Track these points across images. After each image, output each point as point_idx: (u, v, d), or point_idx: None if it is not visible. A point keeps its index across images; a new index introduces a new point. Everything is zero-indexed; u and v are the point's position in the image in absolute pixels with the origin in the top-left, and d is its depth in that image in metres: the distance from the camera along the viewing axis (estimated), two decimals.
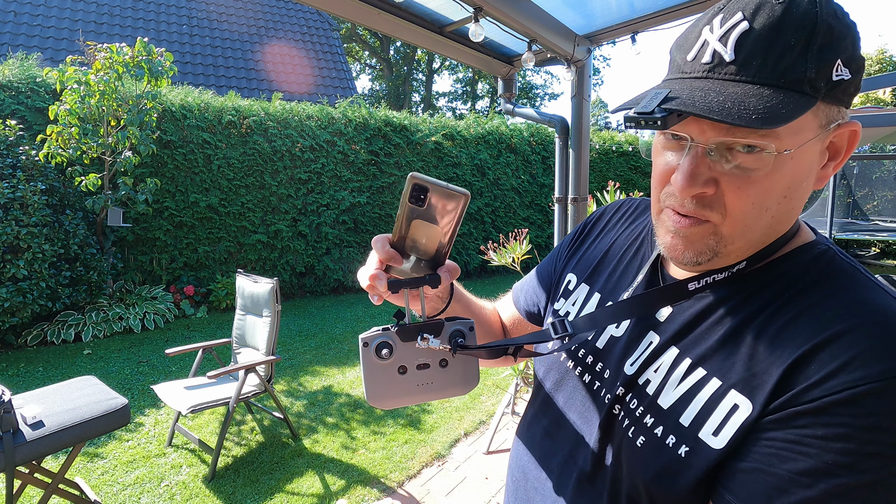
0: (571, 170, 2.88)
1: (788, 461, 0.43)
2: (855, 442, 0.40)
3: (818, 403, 0.42)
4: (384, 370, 0.56)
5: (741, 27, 0.45)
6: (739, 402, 0.47)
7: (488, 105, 23.31)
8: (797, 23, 0.43)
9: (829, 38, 0.43)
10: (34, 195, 4.24)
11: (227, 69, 10.12)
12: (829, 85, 0.44)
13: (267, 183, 6.41)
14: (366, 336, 0.56)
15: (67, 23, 8.86)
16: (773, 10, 0.44)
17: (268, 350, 2.90)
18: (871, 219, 11.16)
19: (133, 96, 4.99)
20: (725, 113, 0.42)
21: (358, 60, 23.02)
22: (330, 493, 2.49)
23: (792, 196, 0.49)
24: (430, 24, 2.36)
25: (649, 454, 0.52)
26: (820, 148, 0.48)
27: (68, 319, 4.68)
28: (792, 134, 0.45)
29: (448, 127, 8.08)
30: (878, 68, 12.66)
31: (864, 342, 0.43)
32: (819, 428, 0.42)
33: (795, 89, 0.44)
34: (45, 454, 1.88)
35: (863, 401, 0.41)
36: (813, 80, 0.43)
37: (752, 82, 0.44)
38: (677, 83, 0.48)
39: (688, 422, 0.50)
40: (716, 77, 0.46)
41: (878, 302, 0.46)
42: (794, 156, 0.46)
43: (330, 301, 6.70)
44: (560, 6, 2.28)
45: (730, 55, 0.45)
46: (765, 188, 0.47)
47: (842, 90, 0.45)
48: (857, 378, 0.41)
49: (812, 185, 0.50)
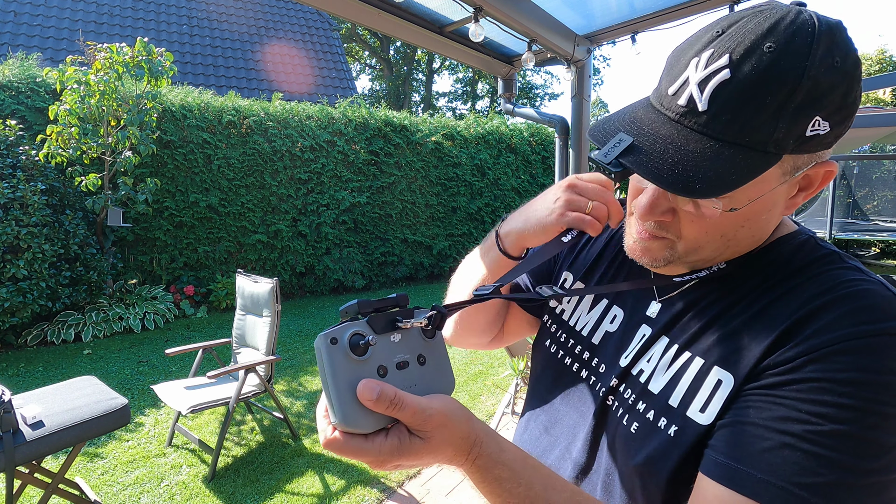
0: (571, 170, 2.88)
1: (764, 411, 0.45)
2: (830, 394, 0.42)
3: (794, 363, 0.45)
4: (360, 375, 0.43)
5: (722, 76, 0.43)
6: (722, 377, 0.49)
7: (488, 105, 23.31)
8: (780, 78, 0.41)
9: (813, 94, 0.41)
10: (34, 195, 4.24)
11: (227, 69, 10.12)
12: (799, 140, 0.43)
13: (267, 183, 6.41)
14: (330, 332, 0.43)
15: (67, 23, 8.86)
16: (760, 61, 0.42)
17: (268, 350, 2.90)
18: (871, 219, 11.15)
19: (133, 96, 4.99)
20: (671, 181, 0.44)
21: (358, 60, 23.02)
22: (330, 493, 2.49)
23: (751, 226, 0.51)
24: (430, 24, 2.36)
25: (642, 438, 0.54)
26: (785, 190, 0.49)
27: (68, 319, 4.68)
28: (747, 188, 0.45)
29: (448, 127, 8.08)
30: (878, 68, 12.66)
31: (836, 312, 0.45)
32: (794, 383, 0.44)
33: (758, 149, 0.43)
34: (45, 454, 1.88)
35: (837, 357, 0.43)
36: (780, 139, 0.43)
37: (716, 138, 0.44)
38: (647, 125, 0.48)
39: (676, 402, 0.52)
40: (685, 124, 0.46)
41: (852, 280, 0.48)
42: (753, 203, 0.48)
43: (330, 301, 6.70)
44: (560, 6, 2.27)
45: (703, 105, 0.44)
46: (718, 224, 0.50)
47: (816, 143, 0.44)
48: (828, 339, 0.44)
49: (780, 213, 0.51)
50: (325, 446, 0.44)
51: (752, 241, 0.53)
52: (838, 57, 0.41)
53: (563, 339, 0.71)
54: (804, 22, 0.42)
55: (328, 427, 0.44)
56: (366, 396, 0.41)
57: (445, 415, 0.44)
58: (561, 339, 0.71)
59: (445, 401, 0.45)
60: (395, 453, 0.42)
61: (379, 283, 7.57)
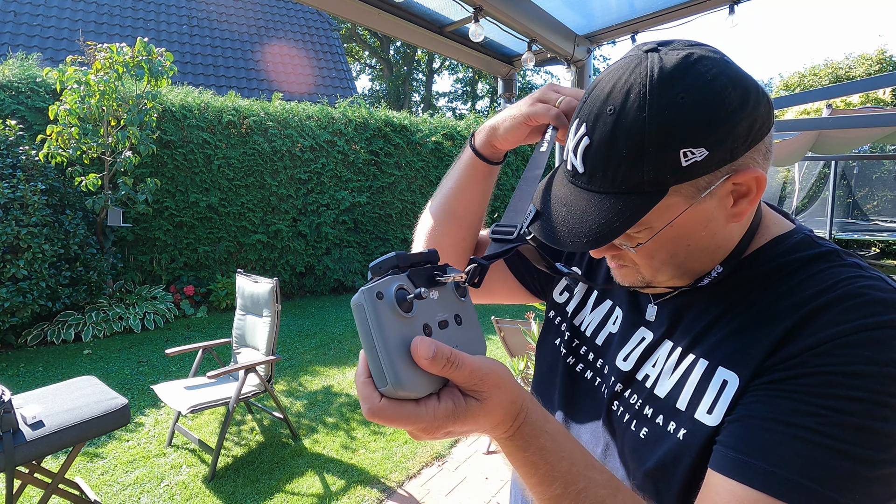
0: None
1: (773, 405, 0.45)
2: (839, 387, 0.42)
3: (800, 358, 0.45)
4: (408, 334, 0.39)
5: (584, 142, 0.48)
6: (728, 377, 0.49)
7: (488, 105, 23.31)
8: (626, 133, 0.45)
9: (665, 135, 0.44)
10: (34, 195, 4.24)
11: (227, 69, 10.12)
12: (678, 172, 0.45)
13: (267, 183, 6.41)
14: (373, 286, 0.38)
15: (67, 23, 8.86)
16: (606, 123, 0.46)
17: (268, 350, 2.90)
18: (871, 219, 11.16)
19: (133, 96, 4.99)
20: (565, 241, 0.50)
21: (358, 60, 23.03)
22: (330, 493, 2.49)
23: (696, 242, 0.51)
24: (430, 24, 2.36)
25: (653, 443, 0.53)
26: (709, 203, 0.49)
27: (68, 319, 4.68)
28: (654, 219, 0.49)
29: (448, 127, 8.08)
30: (879, 68, 12.65)
31: (838, 308, 0.46)
32: (803, 377, 0.44)
33: (635, 192, 0.46)
34: (45, 454, 1.88)
35: (842, 351, 0.43)
36: (654, 179, 0.45)
37: (599, 192, 0.48)
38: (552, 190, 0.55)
39: (684, 405, 0.52)
40: (576, 184, 0.51)
41: (852, 279, 0.48)
42: (673, 225, 0.49)
43: (330, 301, 6.70)
44: (560, 6, 2.27)
45: (580, 167, 0.49)
46: (655, 250, 0.52)
47: (701, 167, 0.45)
48: (835, 332, 0.44)
49: (724, 222, 0.51)
50: (371, 417, 0.38)
51: (716, 249, 0.53)
52: (681, 94, 0.44)
53: (567, 337, 0.71)
54: (639, 75, 0.45)
55: (373, 394, 0.38)
56: (422, 355, 0.37)
57: (499, 374, 0.42)
58: (566, 337, 0.71)
59: (492, 361, 0.43)
60: (451, 417, 0.39)
61: None
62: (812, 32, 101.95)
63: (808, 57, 57.77)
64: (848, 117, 4.20)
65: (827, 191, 9.15)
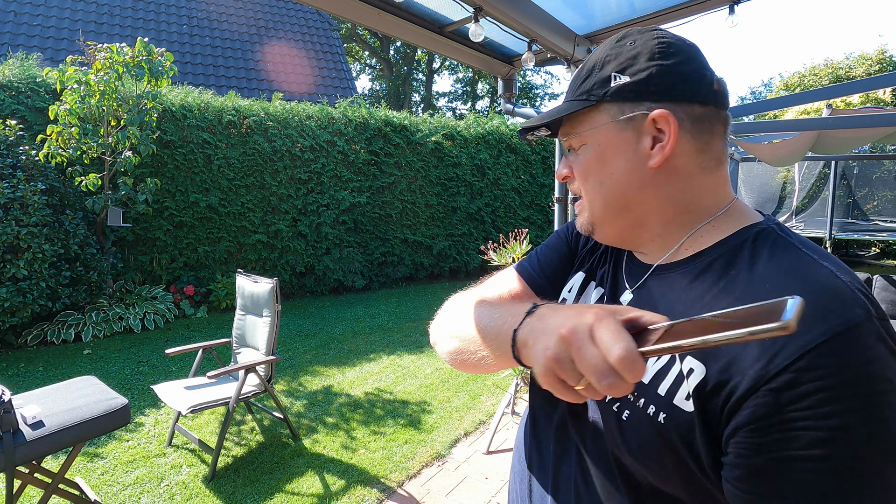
0: None
1: (763, 452, 0.45)
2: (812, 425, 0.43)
3: (768, 386, 0.45)
4: None
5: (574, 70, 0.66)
6: (694, 366, 0.52)
7: (488, 105, 23.30)
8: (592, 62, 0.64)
9: (602, 64, 0.62)
10: (34, 195, 4.24)
11: (227, 69, 10.12)
12: (606, 90, 0.60)
13: (267, 183, 6.41)
14: None
15: (67, 23, 8.86)
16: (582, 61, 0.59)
17: (268, 350, 2.90)
18: (871, 219, 11.15)
19: (133, 96, 4.99)
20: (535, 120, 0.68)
21: (358, 60, 23.02)
22: (330, 493, 2.49)
23: (614, 170, 0.62)
24: (430, 24, 2.36)
25: (635, 426, 0.56)
26: (631, 134, 0.60)
27: (68, 319, 4.68)
28: (588, 129, 0.63)
29: (448, 127, 8.08)
30: (879, 68, 12.63)
31: None
32: (774, 417, 0.44)
33: (580, 99, 0.63)
34: (45, 454, 1.88)
35: (820, 361, 0.43)
36: (590, 90, 0.62)
37: (567, 100, 0.67)
38: None
39: (664, 391, 0.54)
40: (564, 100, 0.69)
41: (812, 273, 0.50)
42: (599, 142, 0.62)
43: (330, 301, 6.70)
44: (560, 6, 2.27)
45: None
46: (586, 166, 0.64)
47: (624, 90, 0.59)
48: (790, 354, 0.44)
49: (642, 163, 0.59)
50: None
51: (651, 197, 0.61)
52: (629, 42, 0.61)
53: None
54: (620, 37, 0.64)
55: None
56: None
57: None
58: None
59: None
60: None
61: (379, 284, 7.57)
62: (812, 32, 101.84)
63: (808, 57, 57.61)
64: (848, 117, 4.20)
65: (827, 191, 9.15)
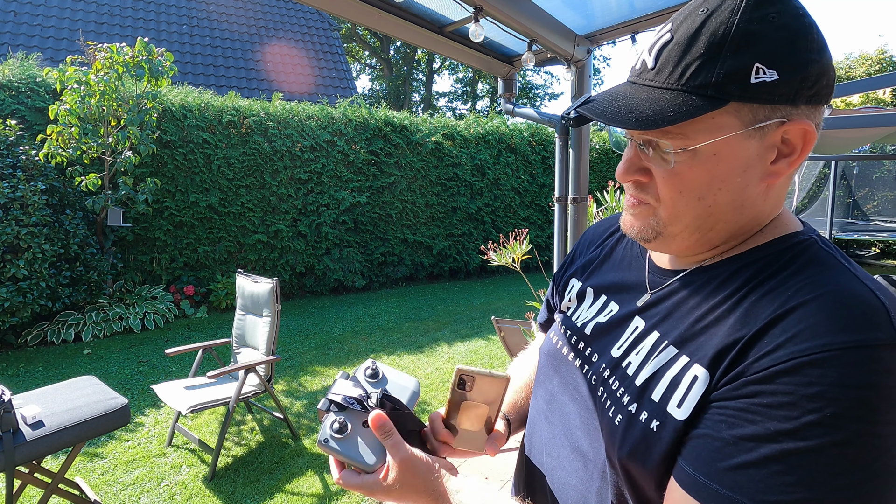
0: (571, 170, 2.87)
1: (735, 427, 0.45)
2: (797, 410, 0.41)
3: (765, 373, 0.44)
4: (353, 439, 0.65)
5: (664, 38, 0.51)
6: (699, 373, 0.50)
7: (488, 105, 23.30)
8: (712, 30, 0.47)
9: (746, 43, 0.45)
10: (34, 195, 4.24)
11: (227, 69, 10.12)
12: (743, 87, 0.46)
13: (267, 183, 6.41)
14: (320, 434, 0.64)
15: (67, 23, 8.86)
16: (694, 21, 0.48)
17: (268, 350, 2.90)
18: (871, 219, 11.15)
19: (133, 96, 4.99)
20: (610, 116, 0.51)
21: (358, 60, 23.02)
22: (330, 493, 2.49)
23: (727, 188, 0.51)
24: (430, 24, 2.36)
25: (626, 430, 0.54)
26: (756, 145, 0.49)
27: (68, 319, 4.68)
28: (703, 132, 0.49)
29: (448, 127, 8.08)
30: (879, 68, 12.64)
31: (814, 316, 0.44)
32: (765, 396, 0.43)
33: (698, 93, 0.47)
34: (45, 454, 1.88)
35: (806, 370, 0.42)
36: (720, 83, 0.46)
37: (662, 87, 0.50)
38: (610, 88, 0.56)
39: (658, 397, 0.53)
40: (638, 82, 0.53)
41: (839, 281, 0.47)
42: (716, 151, 0.49)
43: (330, 301, 6.70)
44: (560, 6, 2.27)
45: (651, 63, 0.52)
46: (688, 179, 0.51)
47: (766, 91, 0.46)
48: (802, 349, 0.43)
49: (758, 179, 0.51)
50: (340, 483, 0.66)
51: (735, 211, 0.52)
52: (773, 13, 0.46)
53: (563, 330, 0.74)
54: None
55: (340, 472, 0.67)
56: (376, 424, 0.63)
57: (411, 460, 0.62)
58: (562, 331, 0.74)
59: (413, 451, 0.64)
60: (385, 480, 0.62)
61: (379, 284, 7.57)
62: None
63: None
64: (848, 117, 4.20)
65: (827, 191, 9.14)
